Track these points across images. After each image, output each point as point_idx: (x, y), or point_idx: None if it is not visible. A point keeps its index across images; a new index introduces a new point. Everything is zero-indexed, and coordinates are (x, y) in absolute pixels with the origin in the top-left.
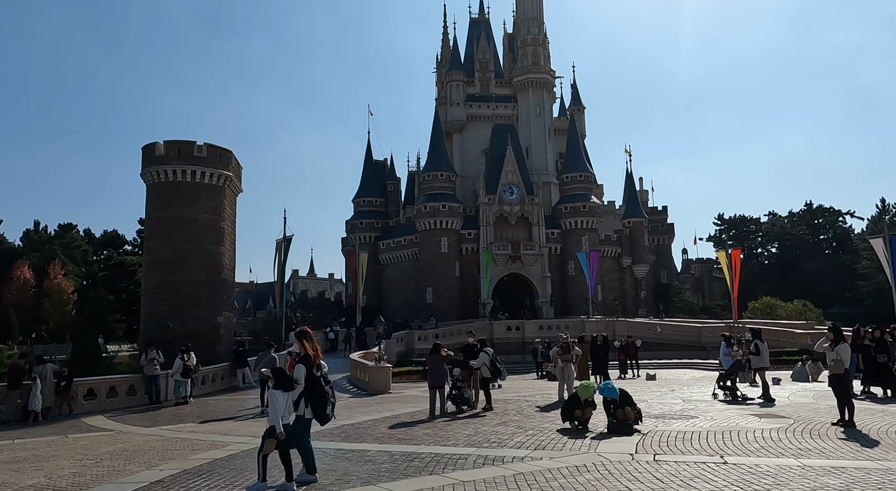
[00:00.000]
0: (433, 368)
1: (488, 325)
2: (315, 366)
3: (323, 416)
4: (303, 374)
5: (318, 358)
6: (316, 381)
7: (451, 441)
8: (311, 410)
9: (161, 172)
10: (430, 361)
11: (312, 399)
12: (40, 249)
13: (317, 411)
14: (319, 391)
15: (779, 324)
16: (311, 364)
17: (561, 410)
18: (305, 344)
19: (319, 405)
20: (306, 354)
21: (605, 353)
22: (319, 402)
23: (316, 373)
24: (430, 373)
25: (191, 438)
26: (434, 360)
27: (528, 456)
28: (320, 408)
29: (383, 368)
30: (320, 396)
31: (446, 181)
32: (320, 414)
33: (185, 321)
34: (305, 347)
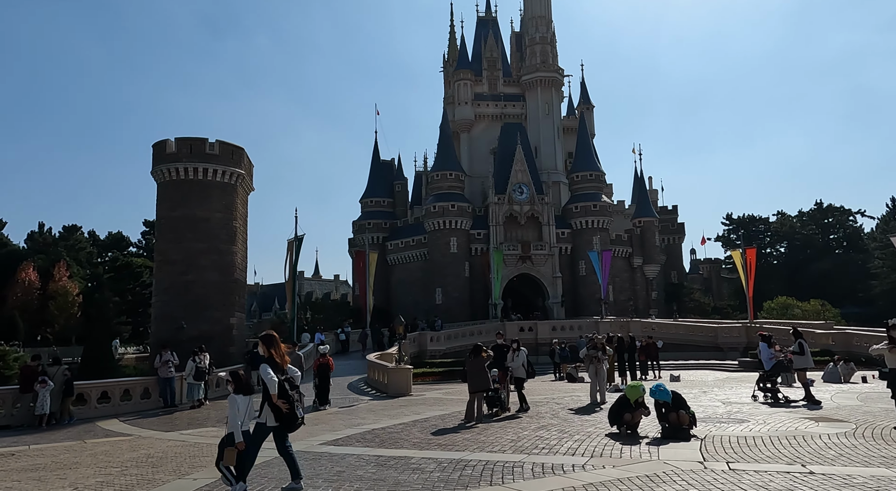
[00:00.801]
0: (475, 372)
1: (501, 325)
2: (281, 370)
3: (291, 421)
4: (270, 370)
5: (284, 363)
6: (282, 385)
7: (497, 447)
8: (276, 415)
9: (172, 170)
10: (470, 364)
11: (276, 405)
12: (45, 251)
13: (283, 417)
14: (286, 396)
15: (797, 324)
16: (275, 366)
17: (608, 413)
18: (272, 351)
19: (286, 412)
20: (271, 357)
21: (633, 353)
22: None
23: (281, 377)
24: (470, 376)
25: (215, 443)
26: (476, 363)
27: (588, 464)
28: (287, 414)
29: (404, 369)
30: (288, 400)
31: (455, 181)
32: (288, 419)
33: (198, 322)
34: (271, 353)
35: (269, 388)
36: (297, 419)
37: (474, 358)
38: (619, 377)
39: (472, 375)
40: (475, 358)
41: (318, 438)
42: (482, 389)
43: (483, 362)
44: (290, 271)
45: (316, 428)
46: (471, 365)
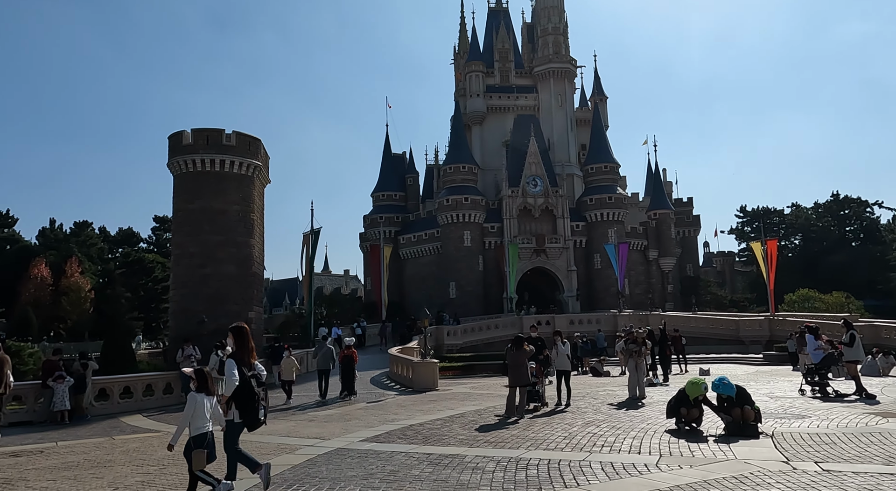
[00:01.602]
0: (516, 365)
1: (517, 319)
2: (248, 365)
3: (253, 420)
4: (235, 368)
5: (252, 359)
6: (246, 381)
7: (551, 444)
8: (240, 413)
9: (189, 162)
10: (512, 357)
11: (242, 402)
12: (57, 247)
13: (246, 415)
14: (250, 393)
15: (821, 317)
16: (243, 362)
17: (666, 408)
18: (241, 346)
19: (250, 409)
20: (237, 351)
21: (665, 347)
22: (250, 405)
23: (248, 373)
24: (511, 370)
25: (249, 439)
26: (517, 356)
27: (661, 463)
28: (250, 412)
29: (430, 363)
30: (251, 397)
31: (468, 174)
32: (250, 418)
33: (216, 317)
34: (240, 347)
35: (227, 388)
36: (259, 420)
37: (516, 351)
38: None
39: (514, 369)
40: (517, 351)
41: (355, 435)
42: (523, 384)
43: (525, 356)
44: (307, 265)
45: (350, 424)
46: (512, 358)
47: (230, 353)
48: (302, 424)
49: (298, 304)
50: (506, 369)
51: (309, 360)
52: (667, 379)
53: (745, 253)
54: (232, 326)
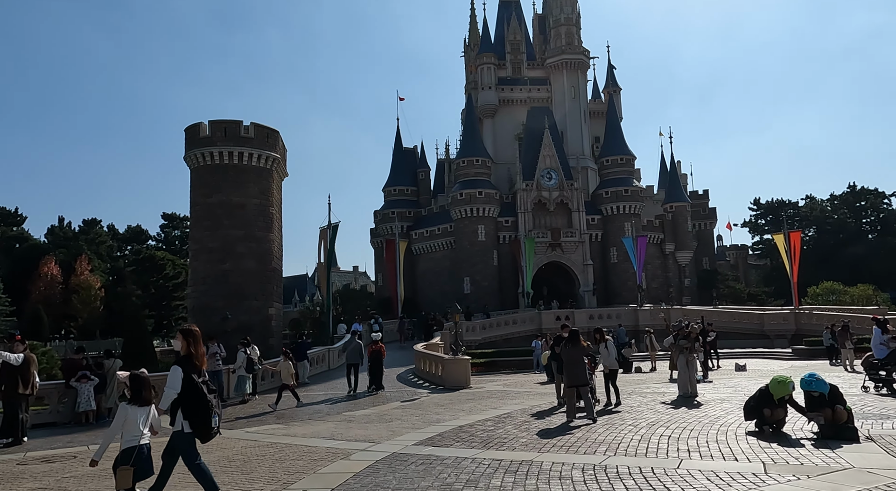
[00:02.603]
0: (573, 363)
1: (536, 315)
2: (199, 371)
3: (205, 430)
4: (179, 377)
5: (202, 363)
6: (196, 388)
7: (629, 448)
8: (189, 422)
9: (207, 155)
10: (568, 354)
11: (191, 410)
12: (66, 245)
13: (196, 424)
14: (201, 400)
15: (848, 310)
16: (191, 367)
17: (744, 408)
18: (192, 349)
19: (200, 417)
20: (187, 356)
21: (705, 342)
22: (201, 413)
23: (197, 378)
24: (568, 367)
25: (293, 443)
26: (574, 352)
27: (773, 472)
28: (201, 420)
29: (462, 361)
30: (202, 406)
31: (482, 167)
32: (201, 428)
33: (237, 313)
34: (189, 348)
35: (163, 400)
36: (212, 429)
37: (572, 347)
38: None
39: (571, 367)
40: (574, 347)
41: (405, 438)
42: (582, 383)
43: (583, 352)
44: (325, 261)
45: (393, 425)
46: (568, 354)
47: (178, 357)
48: (342, 425)
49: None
50: (529, 365)
51: (331, 357)
52: (706, 375)
53: (758, 246)
54: (182, 327)
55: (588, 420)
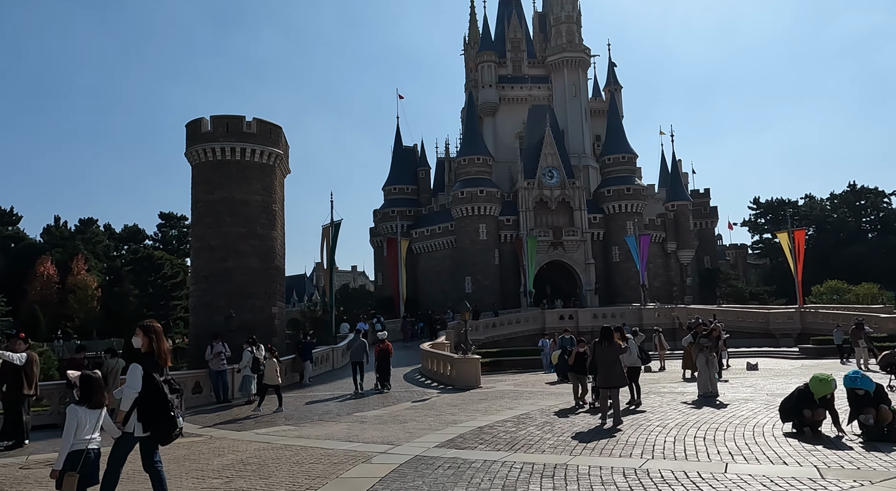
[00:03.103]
0: (607, 363)
1: (539, 314)
2: (160, 369)
3: (165, 433)
4: (138, 376)
5: (166, 361)
6: (157, 388)
7: (665, 451)
8: (143, 425)
9: (209, 151)
10: (602, 352)
11: (148, 411)
12: (62, 245)
13: (155, 426)
14: (160, 401)
15: (853, 308)
16: (152, 365)
17: (780, 409)
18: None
19: (160, 419)
20: (147, 353)
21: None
22: (160, 415)
23: (158, 377)
24: (602, 368)
25: (309, 445)
26: (609, 351)
27: (830, 476)
28: (161, 422)
29: (472, 360)
30: (161, 407)
31: (483, 165)
32: (161, 430)
33: (240, 312)
34: (150, 344)
35: (123, 400)
36: (174, 429)
37: (608, 345)
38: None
39: (605, 367)
40: (609, 345)
41: (425, 439)
42: (618, 385)
43: (618, 351)
44: (328, 259)
45: (408, 426)
46: (602, 353)
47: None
48: (355, 426)
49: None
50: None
51: (335, 356)
52: (720, 375)
53: (758, 245)
54: (141, 323)
55: (614, 423)
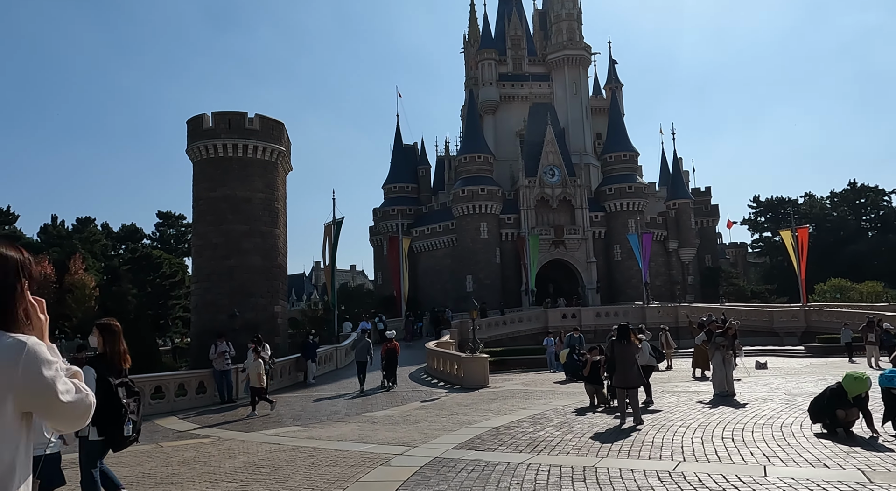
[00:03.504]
0: (625, 363)
1: (542, 313)
2: (117, 371)
3: (116, 439)
4: (91, 379)
5: (122, 361)
6: (110, 391)
7: (696, 453)
8: (99, 429)
9: (210, 147)
10: (621, 351)
11: (101, 416)
12: (59, 244)
13: (108, 431)
14: (114, 405)
15: (857, 307)
16: (107, 367)
17: (811, 409)
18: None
19: (111, 424)
20: (101, 354)
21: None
22: (112, 419)
23: (114, 380)
24: (621, 367)
25: (322, 447)
26: (626, 350)
27: (878, 480)
28: (112, 427)
29: (480, 359)
30: (115, 411)
31: (484, 164)
32: (112, 435)
33: (242, 310)
34: (105, 345)
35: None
36: (128, 436)
37: (626, 344)
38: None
39: (623, 367)
40: (627, 344)
41: (441, 440)
42: (635, 386)
43: (636, 350)
44: (330, 258)
45: (421, 426)
46: (621, 352)
47: (92, 356)
48: (366, 427)
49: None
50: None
51: (339, 356)
52: None
53: (758, 244)
54: (99, 321)
55: (634, 422)
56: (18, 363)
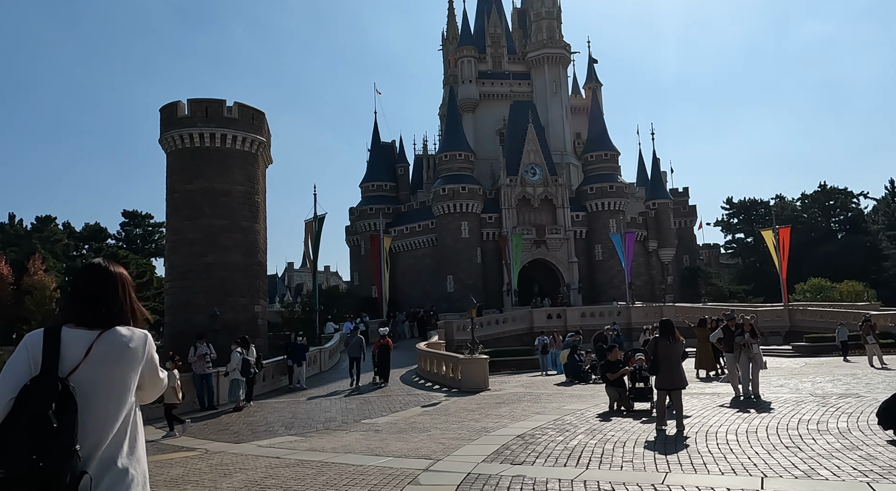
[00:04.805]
0: (671, 362)
1: (527, 313)
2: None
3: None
4: None
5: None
6: None
7: (771, 465)
8: None
9: (186, 136)
10: (664, 349)
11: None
12: (17, 244)
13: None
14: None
15: (839, 306)
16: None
17: (881, 413)
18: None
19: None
20: None
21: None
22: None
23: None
24: (664, 367)
25: (329, 461)
26: (671, 348)
27: None
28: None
29: (480, 360)
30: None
31: (465, 162)
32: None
33: (221, 310)
34: None
35: None
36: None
37: (671, 342)
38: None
39: (669, 365)
40: (672, 342)
41: (464, 452)
42: (681, 387)
43: (682, 348)
44: (313, 253)
45: (433, 435)
46: (665, 350)
47: None
48: (371, 436)
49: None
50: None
51: (322, 358)
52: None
53: (731, 245)
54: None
55: (678, 428)
56: (147, 347)
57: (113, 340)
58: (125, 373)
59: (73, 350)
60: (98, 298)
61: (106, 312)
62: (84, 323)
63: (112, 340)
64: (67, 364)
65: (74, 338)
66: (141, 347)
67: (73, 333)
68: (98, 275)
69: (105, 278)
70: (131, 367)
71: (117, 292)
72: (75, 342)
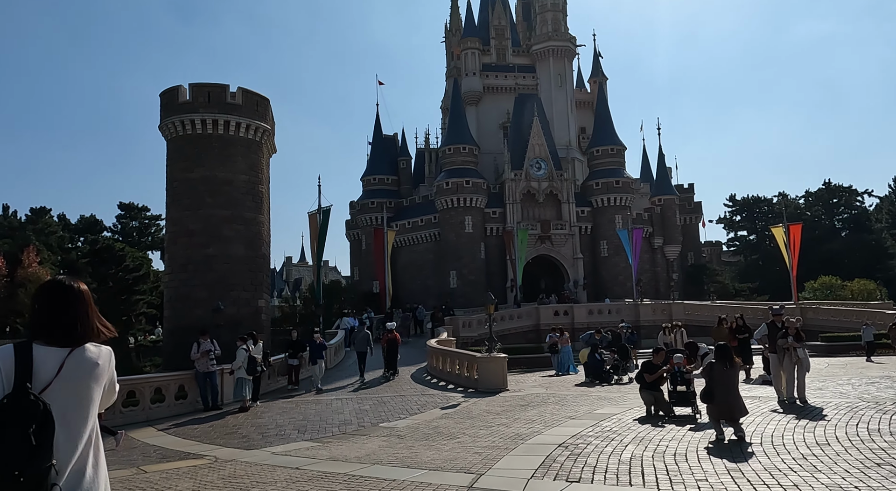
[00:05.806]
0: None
1: (534, 310)
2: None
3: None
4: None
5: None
6: None
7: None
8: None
9: (187, 123)
10: (720, 376)
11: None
12: (11, 236)
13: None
14: None
15: (850, 304)
16: None
17: None
18: None
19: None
20: None
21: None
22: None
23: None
24: (720, 393)
25: (355, 474)
26: (728, 376)
27: None
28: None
29: (499, 359)
30: None
31: (469, 155)
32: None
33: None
34: None
35: None
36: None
37: (728, 368)
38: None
39: (727, 393)
40: (730, 367)
41: (506, 465)
42: (740, 416)
43: (738, 374)
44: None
45: (463, 442)
46: (722, 377)
47: None
48: (395, 443)
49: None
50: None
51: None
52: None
53: (734, 242)
54: None
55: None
56: (111, 364)
57: (82, 359)
58: (93, 389)
59: (45, 368)
60: (65, 316)
61: (73, 331)
62: (54, 341)
63: (81, 358)
64: (40, 382)
65: (46, 356)
66: (107, 364)
67: (43, 350)
68: (64, 293)
69: (72, 297)
70: (98, 383)
71: (83, 310)
72: (47, 360)
